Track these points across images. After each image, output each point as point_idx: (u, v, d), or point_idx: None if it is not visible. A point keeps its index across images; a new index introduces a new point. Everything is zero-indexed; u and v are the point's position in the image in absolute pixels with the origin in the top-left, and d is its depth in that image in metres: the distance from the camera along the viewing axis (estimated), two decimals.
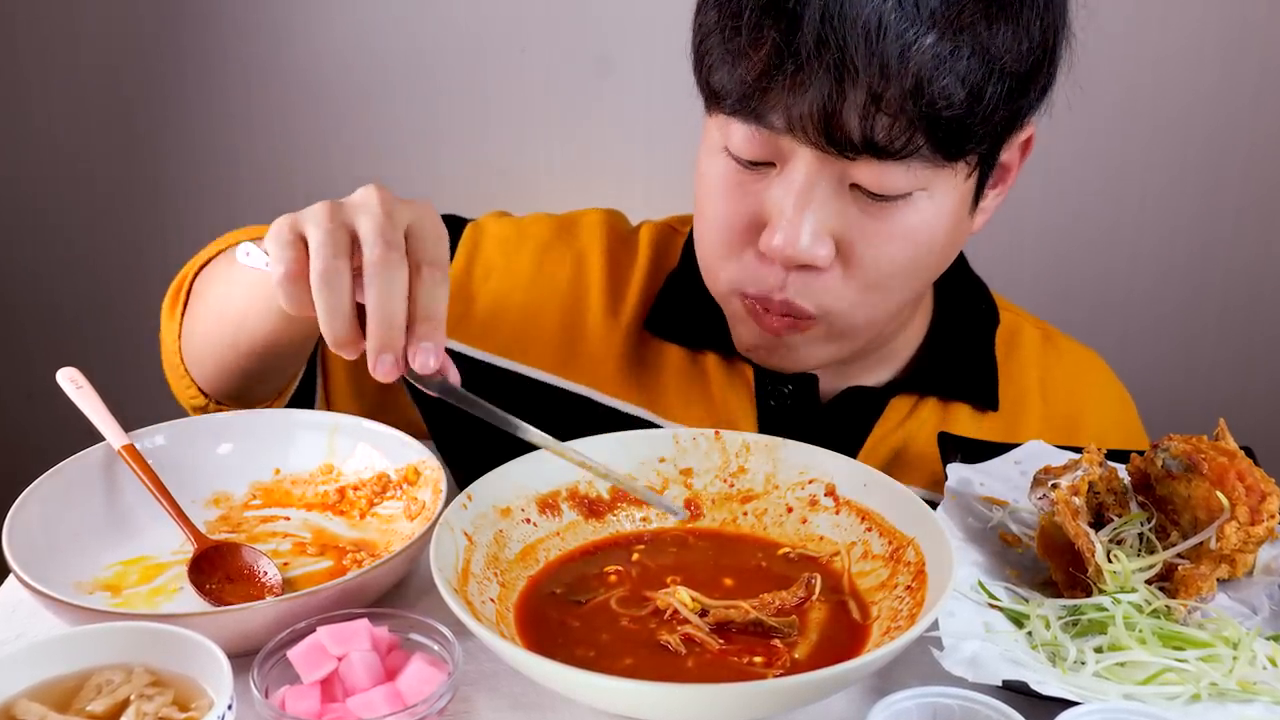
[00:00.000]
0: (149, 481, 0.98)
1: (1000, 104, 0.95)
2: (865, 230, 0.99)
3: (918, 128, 0.93)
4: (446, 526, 0.87)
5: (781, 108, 0.95)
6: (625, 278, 1.20)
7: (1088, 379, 1.24)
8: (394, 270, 0.82)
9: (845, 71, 0.91)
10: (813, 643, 0.85)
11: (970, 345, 1.19)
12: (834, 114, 0.93)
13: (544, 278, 1.20)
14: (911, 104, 0.92)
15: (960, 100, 0.93)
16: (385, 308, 0.82)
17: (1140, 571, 0.88)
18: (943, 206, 1.00)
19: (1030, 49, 0.96)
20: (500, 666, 0.86)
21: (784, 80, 0.93)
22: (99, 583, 0.94)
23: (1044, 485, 0.93)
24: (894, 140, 0.93)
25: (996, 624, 0.86)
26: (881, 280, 1.02)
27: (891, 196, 0.98)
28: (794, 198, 0.98)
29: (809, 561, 0.94)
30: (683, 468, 1.00)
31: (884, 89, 0.91)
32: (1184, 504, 0.91)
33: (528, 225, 1.24)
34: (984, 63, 0.93)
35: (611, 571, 0.93)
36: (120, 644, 0.76)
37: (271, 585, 0.93)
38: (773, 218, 1.00)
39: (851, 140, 0.94)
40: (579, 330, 1.18)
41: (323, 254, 0.83)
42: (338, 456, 1.05)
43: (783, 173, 0.99)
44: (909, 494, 0.92)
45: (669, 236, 1.24)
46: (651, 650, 0.84)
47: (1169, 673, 0.81)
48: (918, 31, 0.91)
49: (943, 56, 0.91)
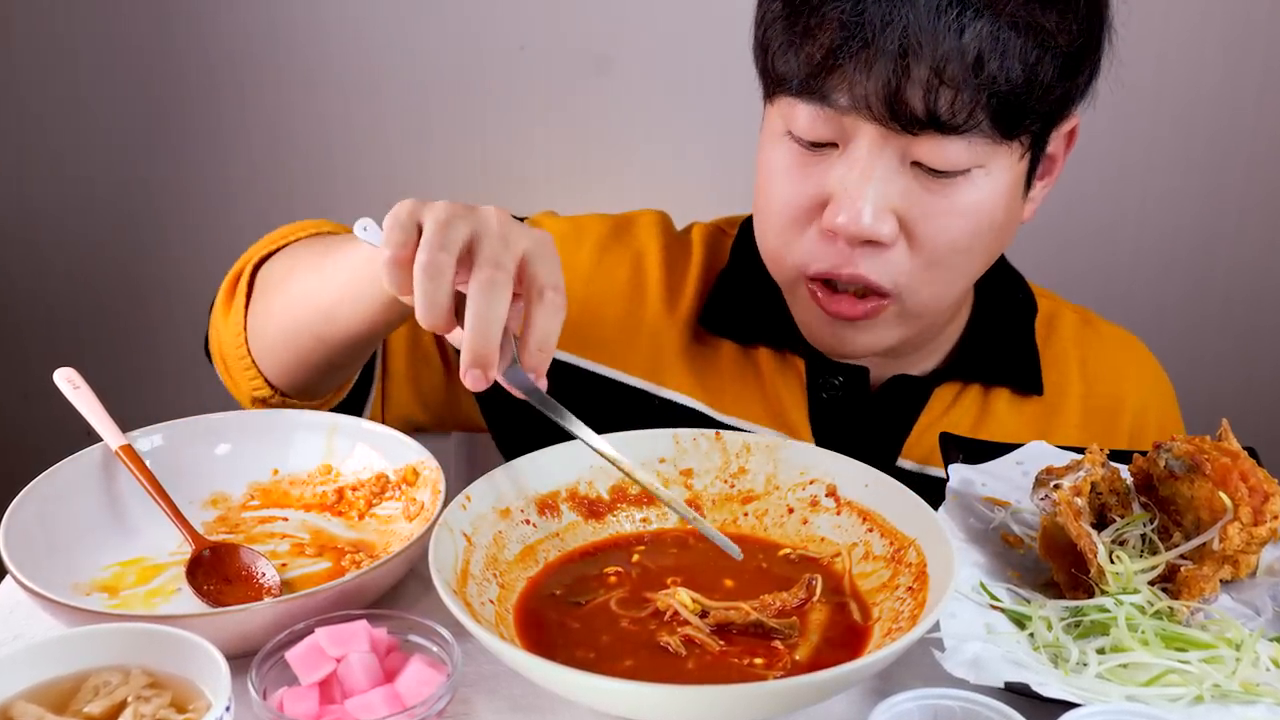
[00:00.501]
0: (146, 482, 0.98)
1: (1054, 81, 1.00)
2: (926, 206, 1.03)
3: (978, 103, 0.98)
4: (445, 527, 0.87)
5: (846, 87, 0.99)
6: (682, 275, 1.24)
7: (1128, 360, 1.28)
8: (497, 291, 0.85)
9: (909, 49, 0.96)
10: (814, 644, 0.85)
11: (1010, 331, 1.23)
12: (898, 90, 0.97)
13: (602, 274, 1.23)
14: (973, 78, 0.97)
15: (1018, 76, 0.98)
16: (482, 326, 0.85)
17: (1143, 573, 0.88)
18: (999, 184, 1.04)
19: (1079, 30, 1.01)
20: (499, 668, 0.86)
21: (849, 59, 0.98)
22: (96, 584, 0.94)
23: (1046, 486, 0.93)
24: (956, 114, 0.98)
25: (998, 625, 0.86)
26: (944, 257, 1.05)
27: (951, 173, 1.02)
28: (857, 174, 1.02)
29: (810, 562, 0.94)
30: (683, 468, 1.00)
31: (946, 65, 0.96)
32: (1187, 505, 0.92)
33: (585, 223, 1.27)
34: (1038, 41, 0.98)
35: (611, 573, 0.93)
36: (118, 645, 0.76)
37: (269, 586, 0.93)
38: (836, 196, 1.03)
39: (915, 115, 0.98)
40: (637, 325, 1.22)
41: (431, 245, 0.86)
42: (336, 457, 1.05)
43: (845, 152, 1.03)
44: (911, 495, 0.92)
45: (718, 237, 1.28)
46: (652, 652, 0.84)
47: (1172, 674, 0.81)
48: (977, 10, 0.96)
49: (1001, 34, 0.97)
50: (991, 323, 1.23)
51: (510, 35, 2.22)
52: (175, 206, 2.36)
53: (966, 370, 1.21)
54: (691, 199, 1.86)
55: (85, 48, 2.28)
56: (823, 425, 1.19)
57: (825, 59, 0.99)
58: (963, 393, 1.21)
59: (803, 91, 1.02)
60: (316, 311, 1.06)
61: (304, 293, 1.08)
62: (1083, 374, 1.24)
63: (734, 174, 2.19)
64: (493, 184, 2.29)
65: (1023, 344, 1.23)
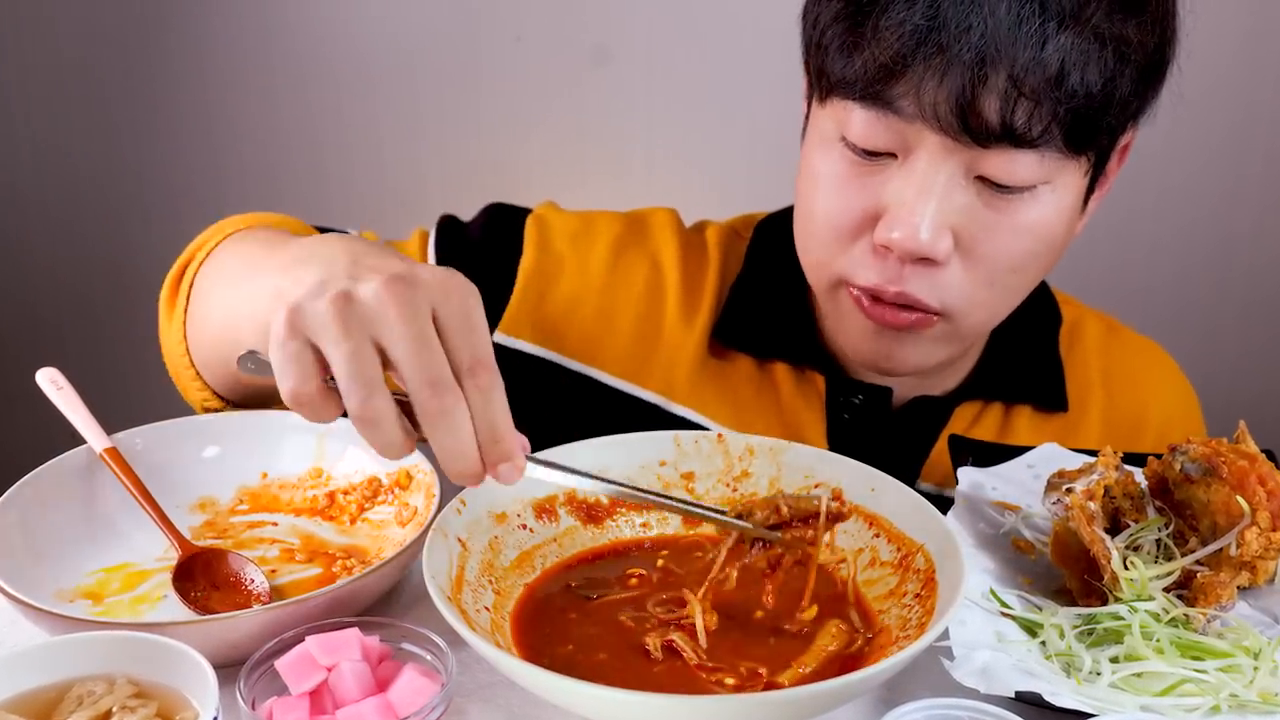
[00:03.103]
0: (132, 486, 0.98)
1: (1131, 94, 0.99)
2: (987, 224, 1.01)
3: (1055, 116, 0.95)
4: (440, 532, 0.87)
5: (913, 94, 0.96)
6: (700, 284, 1.22)
7: (1152, 370, 1.27)
8: (453, 417, 0.76)
9: (988, 57, 0.94)
10: (818, 654, 0.85)
11: (1034, 346, 1.22)
12: (972, 100, 0.95)
13: (619, 279, 1.21)
14: (1053, 90, 0.94)
15: (1097, 89, 0.96)
16: (454, 453, 0.78)
17: (1158, 579, 0.88)
18: (1063, 201, 1.02)
19: (1156, 40, 1.00)
20: (495, 677, 0.86)
21: (921, 65, 0.95)
22: (80, 590, 0.94)
23: (1058, 489, 0.93)
24: (1032, 127, 0.95)
25: (1009, 633, 0.86)
26: (1000, 276, 1.04)
27: (1017, 189, 0.99)
28: (915, 188, 0.99)
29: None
30: (684, 471, 1.00)
31: (1026, 76, 0.94)
32: (1203, 509, 0.91)
33: (596, 220, 1.25)
34: (1119, 52, 0.96)
35: (633, 574, 0.94)
36: (102, 654, 0.76)
37: (259, 593, 0.93)
38: (891, 209, 1.00)
39: (989, 127, 0.95)
40: (654, 336, 1.20)
41: (357, 393, 0.76)
42: (327, 460, 1.05)
43: (904, 163, 1.00)
44: (918, 499, 0.92)
45: (733, 240, 1.25)
46: (628, 649, 0.85)
47: (1187, 684, 0.81)
48: (1060, 19, 0.94)
49: (1083, 45, 0.95)
50: (1015, 337, 1.21)
51: (505, 26, 2.22)
52: (162, 200, 2.36)
53: (989, 389, 1.20)
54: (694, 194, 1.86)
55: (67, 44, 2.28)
56: (840, 446, 1.17)
57: (893, 63, 0.96)
58: (984, 411, 1.20)
59: (865, 97, 0.99)
60: (238, 335, 0.99)
61: (224, 309, 1.03)
62: (1105, 385, 1.23)
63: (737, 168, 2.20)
64: (487, 179, 2.29)
65: (1046, 359, 1.21)
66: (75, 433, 1.02)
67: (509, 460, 0.79)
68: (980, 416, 1.20)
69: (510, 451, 0.79)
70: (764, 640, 0.86)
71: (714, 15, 2.16)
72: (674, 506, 0.89)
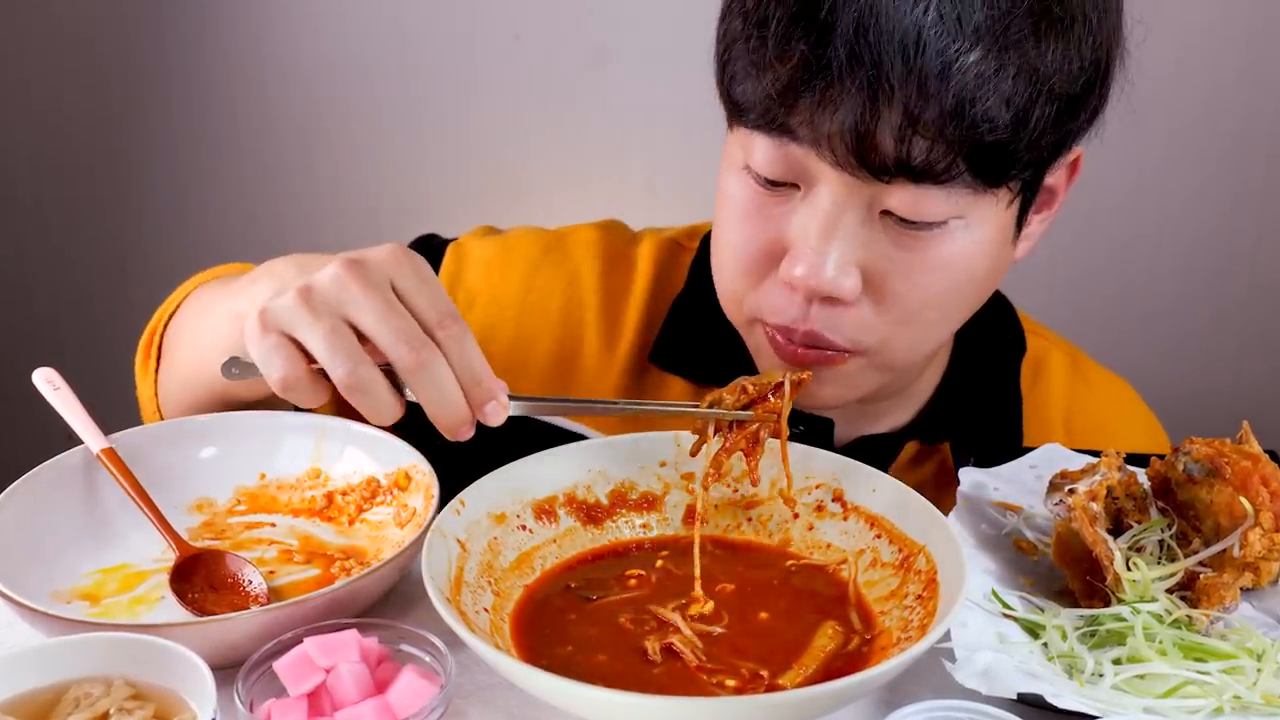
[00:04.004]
0: (129, 486, 0.98)
1: (1047, 128, 0.92)
2: (896, 262, 0.96)
3: (958, 151, 0.89)
4: (439, 533, 0.87)
5: (809, 123, 0.91)
6: (621, 304, 1.16)
7: (1118, 415, 1.22)
8: (434, 369, 0.84)
9: (880, 89, 0.87)
10: (818, 656, 0.85)
11: (992, 385, 1.16)
12: (867, 133, 0.89)
13: (533, 304, 1.17)
14: (952, 126, 0.88)
15: (1004, 124, 0.89)
16: (441, 403, 0.84)
17: (1160, 580, 0.88)
18: (981, 236, 0.97)
19: (1081, 68, 0.92)
20: (495, 679, 0.86)
21: (813, 95, 0.90)
22: (77, 591, 0.94)
23: (1060, 490, 0.94)
24: (932, 164, 0.90)
25: (1011, 635, 0.86)
26: (916, 314, 0.99)
27: (926, 224, 0.94)
28: (819, 224, 0.94)
29: (815, 571, 0.94)
30: (684, 472, 1.00)
31: (922, 109, 0.88)
32: (1206, 510, 0.92)
33: (514, 243, 1.20)
34: (1031, 83, 0.89)
35: (633, 575, 0.93)
36: (99, 655, 0.76)
37: (256, 594, 0.93)
38: (795, 245, 0.96)
39: (885, 162, 0.90)
40: (572, 364, 1.16)
41: (341, 365, 0.83)
42: (325, 460, 1.05)
43: (807, 196, 0.96)
44: (920, 500, 0.92)
45: (673, 254, 1.20)
46: (628, 652, 0.85)
47: (1190, 685, 0.81)
48: (960, 48, 0.87)
49: (987, 75, 0.88)
50: (971, 372, 1.15)
51: (504, 24, 2.22)
52: (160, 199, 2.36)
53: (939, 429, 1.14)
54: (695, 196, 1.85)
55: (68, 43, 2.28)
56: None
57: (785, 92, 0.90)
58: (935, 449, 1.15)
59: (761, 125, 0.94)
60: (204, 370, 1.04)
61: (192, 356, 1.06)
62: (1067, 428, 1.17)
63: None
64: (485, 181, 2.29)
65: (1004, 399, 1.16)
66: (72, 433, 1.02)
67: (493, 399, 0.86)
68: (931, 453, 1.15)
69: (493, 390, 0.86)
70: (761, 641, 0.86)
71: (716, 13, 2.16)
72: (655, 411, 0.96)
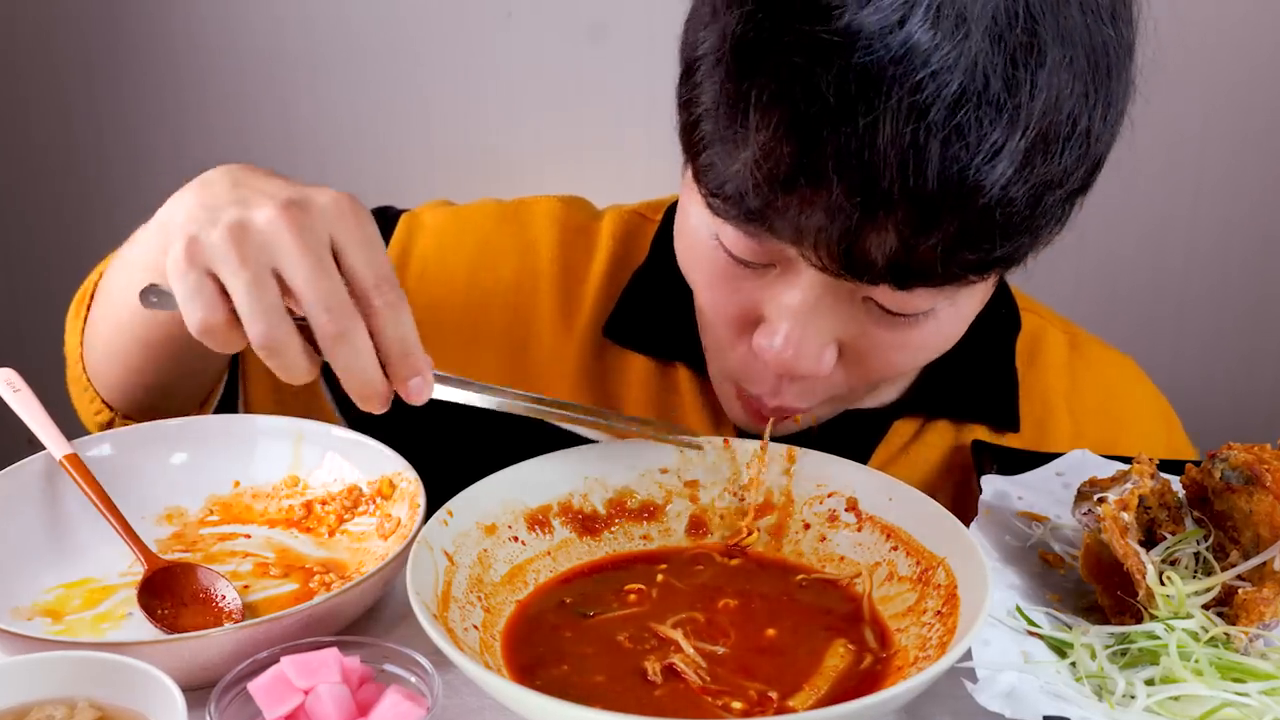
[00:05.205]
0: (94, 495, 0.98)
1: (1052, 224, 0.91)
2: (877, 341, 0.96)
3: (954, 261, 0.87)
4: (425, 545, 0.87)
5: (790, 221, 0.87)
6: (580, 276, 1.16)
7: (1123, 392, 1.22)
8: (353, 340, 0.85)
9: (876, 203, 0.83)
10: (830, 676, 0.85)
11: (986, 357, 1.16)
12: (856, 244, 0.86)
13: (485, 275, 1.17)
14: (952, 247, 0.86)
15: (1010, 236, 0.88)
16: (354, 374, 0.86)
17: (1196, 595, 0.88)
18: (966, 311, 0.99)
19: (1093, 165, 0.91)
20: (485, 701, 0.86)
21: (797, 198, 0.85)
22: (39, 608, 0.94)
23: (1089, 499, 0.93)
24: (926, 274, 0.88)
25: (1036, 653, 0.86)
26: (889, 375, 1.02)
27: (912, 314, 0.94)
28: (796, 308, 0.93)
29: (828, 586, 0.94)
30: (688, 479, 1.01)
31: (922, 228, 0.84)
32: (1245, 520, 0.91)
33: (469, 214, 1.21)
34: (1042, 195, 0.86)
35: (632, 590, 0.93)
36: (62, 675, 0.76)
37: (230, 610, 0.93)
38: (770, 319, 0.95)
39: (874, 270, 0.87)
40: (527, 339, 1.15)
41: (259, 320, 0.84)
42: (303, 467, 1.05)
43: (784, 275, 0.94)
44: (939, 509, 0.92)
45: (637, 226, 1.19)
46: (627, 673, 0.85)
47: (1228, 708, 0.81)
48: (970, 168, 0.82)
49: (996, 197, 0.84)
50: (964, 345, 1.12)
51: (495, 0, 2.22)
52: (125, 191, 2.36)
53: (932, 403, 1.14)
54: None
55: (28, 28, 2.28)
56: None
57: (769, 188, 0.85)
58: (927, 427, 1.15)
59: (737, 218, 0.89)
60: (137, 317, 1.03)
61: (120, 296, 1.06)
62: (1070, 410, 1.17)
63: None
64: (475, 162, 2.29)
65: (999, 371, 1.16)
66: (33, 438, 1.02)
67: (419, 374, 0.88)
68: (922, 433, 1.15)
69: (419, 366, 0.88)
70: (769, 661, 0.86)
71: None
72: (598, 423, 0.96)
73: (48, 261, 2.42)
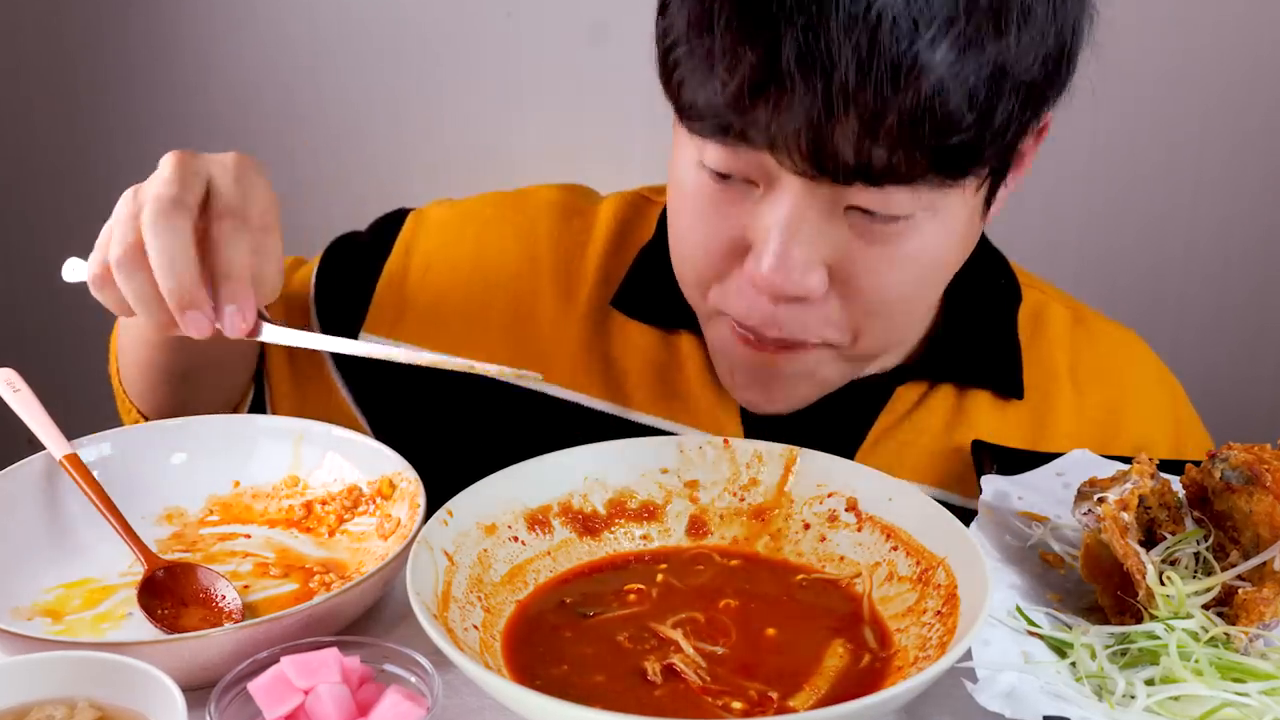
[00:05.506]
0: (94, 495, 0.99)
1: (1013, 118, 0.94)
2: (863, 257, 0.98)
3: (920, 154, 0.91)
4: (425, 545, 0.87)
5: (762, 128, 0.92)
6: (579, 255, 1.20)
7: (1127, 364, 1.23)
8: (167, 222, 0.91)
9: (835, 94, 0.88)
10: (830, 676, 0.85)
11: (989, 324, 1.18)
12: (823, 140, 0.90)
13: (486, 260, 1.21)
14: (912, 130, 0.90)
15: (969, 123, 0.91)
16: (163, 265, 0.91)
17: (1196, 595, 0.88)
18: (950, 224, 0.99)
19: (1047, 55, 0.94)
20: (485, 701, 0.86)
21: (765, 101, 0.91)
22: (39, 608, 0.94)
23: (1089, 499, 0.93)
24: (894, 168, 0.92)
25: (1036, 653, 0.86)
26: (884, 307, 1.01)
27: (893, 218, 0.96)
28: (781, 224, 0.96)
29: (828, 585, 0.95)
30: (688, 479, 1.01)
31: (881, 113, 0.89)
32: (1245, 520, 0.92)
33: (471, 206, 1.25)
34: (994, 78, 0.91)
35: (632, 590, 0.94)
36: (62, 675, 0.77)
37: (230, 610, 0.93)
38: (757, 243, 0.98)
39: (845, 167, 0.92)
40: (528, 317, 1.19)
41: (118, 244, 0.93)
42: (304, 467, 1.06)
43: (767, 195, 0.97)
44: (939, 509, 0.92)
45: (640, 207, 1.23)
46: (626, 673, 0.85)
47: (1229, 708, 0.81)
48: (917, 49, 0.88)
49: (946, 77, 0.89)
50: (967, 312, 1.17)
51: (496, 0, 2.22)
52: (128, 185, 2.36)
53: (936, 368, 1.16)
54: None
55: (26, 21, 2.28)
56: (758, 428, 1.14)
57: (736, 99, 0.91)
58: (931, 393, 1.16)
59: (713, 134, 0.95)
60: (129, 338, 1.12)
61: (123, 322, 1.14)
62: (1074, 380, 1.19)
63: None
64: (476, 161, 2.29)
65: (1003, 338, 1.18)
66: (33, 438, 1.02)
67: (234, 303, 0.93)
68: (927, 397, 1.16)
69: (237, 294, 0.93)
70: (769, 660, 0.86)
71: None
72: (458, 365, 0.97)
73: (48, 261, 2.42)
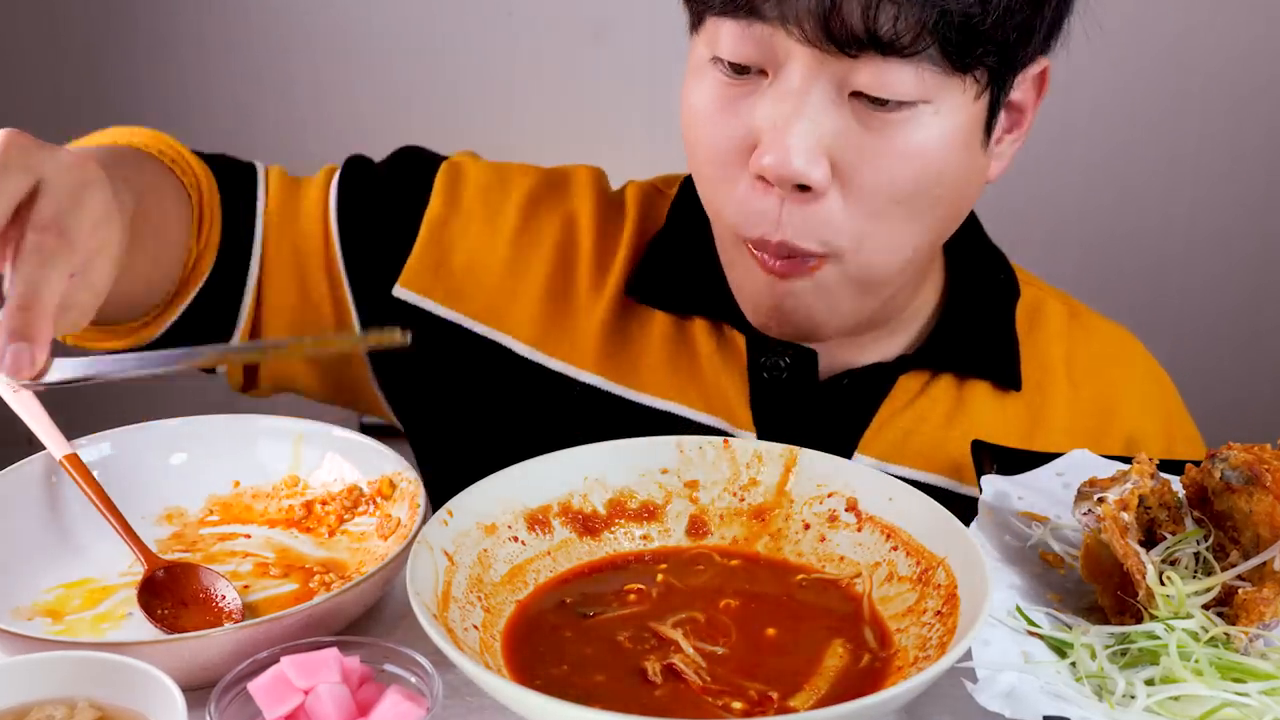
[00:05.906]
0: (94, 495, 0.99)
1: (1014, 4, 0.98)
2: (865, 147, 1.01)
3: (926, 23, 0.96)
4: (425, 545, 0.87)
5: (775, 1, 0.97)
6: (613, 245, 1.23)
7: (1120, 359, 1.26)
8: None
9: None
10: (829, 676, 0.85)
11: (988, 316, 1.21)
12: (834, 6, 0.95)
13: (530, 237, 1.23)
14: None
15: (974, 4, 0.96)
16: None
17: (1196, 595, 0.88)
18: (951, 125, 1.02)
19: None
20: (485, 701, 0.86)
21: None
22: (39, 608, 0.94)
23: (1089, 499, 0.93)
24: (900, 35, 0.96)
25: (1036, 653, 0.86)
26: (886, 207, 1.04)
27: (895, 106, 1.00)
28: (787, 109, 1.00)
29: (827, 585, 0.95)
30: (688, 479, 1.01)
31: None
32: (1245, 520, 0.92)
33: (513, 174, 1.26)
34: None
35: (632, 590, 0.94)
36: (62, 676, 0.77)
37: (230, 610, 0.93)
38: (764, 134, 1.02)
39: (853, 33, 0.96)
40: (563, 300, 1.21)
41: None
42: (304, 467, 1.06)
43: (775, 81, 1.01)
44: (940, 509, 0.92)
45: (654, 198, 1.26)
46: (627, 673, 0.85)
47: (1229, 708, 0.81)
48: None
49: None
50: (966, 304, 1.20)
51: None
52: None
53: (937, 358, 1.19)
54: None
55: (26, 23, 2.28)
56: (766, 412, 1.17)
57: None
58: (932, 383, 1.19)
59: (726, 9, 1.00)
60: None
61: None
62: (1069, 374, 1.22)
63: None
64: None
65: (1001, 330, 1.21)
66: (33, 438, 1.02)
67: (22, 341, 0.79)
68: (928, 387, 1.19)
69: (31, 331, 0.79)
70: (770, 660, 0.87)
71: None
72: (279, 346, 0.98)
73: None
